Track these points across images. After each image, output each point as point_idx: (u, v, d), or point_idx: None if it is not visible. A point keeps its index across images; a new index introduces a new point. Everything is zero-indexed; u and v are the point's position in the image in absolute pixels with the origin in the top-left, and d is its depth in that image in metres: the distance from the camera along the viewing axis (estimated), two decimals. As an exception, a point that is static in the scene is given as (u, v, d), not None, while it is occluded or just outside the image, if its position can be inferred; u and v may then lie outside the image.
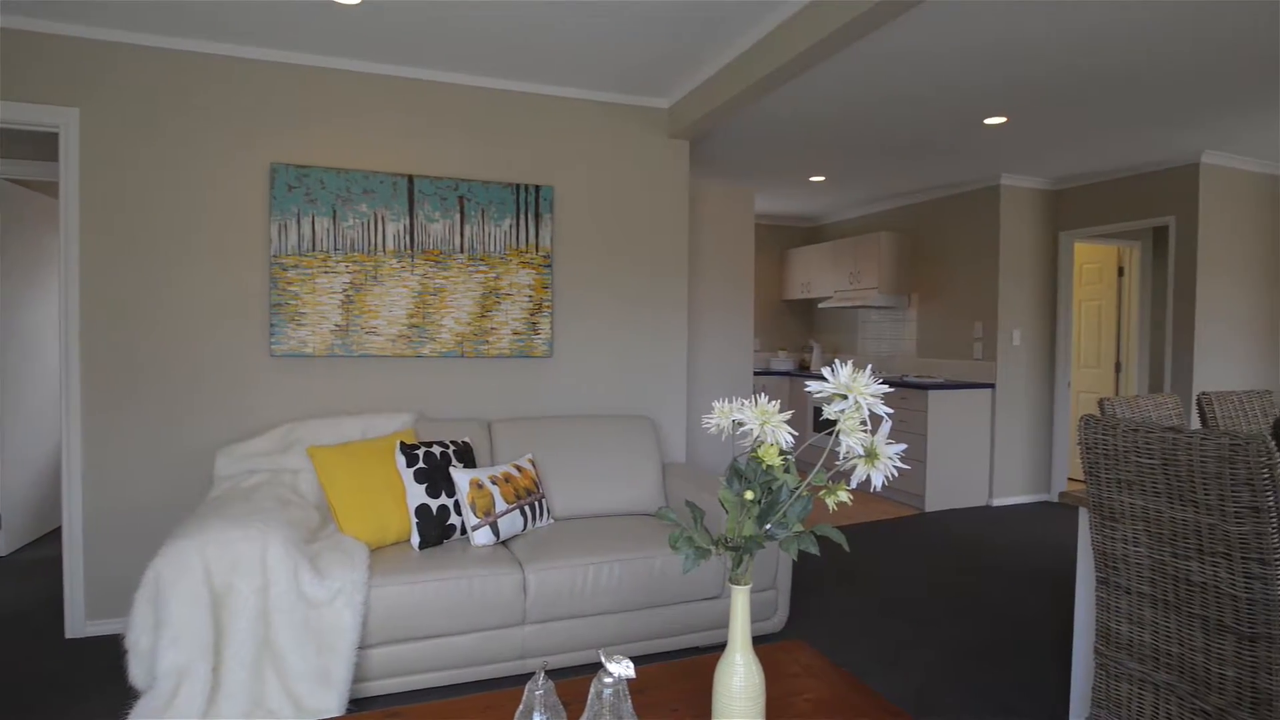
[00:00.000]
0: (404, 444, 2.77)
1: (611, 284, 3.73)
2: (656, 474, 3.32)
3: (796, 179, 5.56)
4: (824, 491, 1.15)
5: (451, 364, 3.42)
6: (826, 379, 1.13)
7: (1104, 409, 2.50)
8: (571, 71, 3.35)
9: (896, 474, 1.12)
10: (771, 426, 1.16)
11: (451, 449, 2.88)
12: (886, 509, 5.34)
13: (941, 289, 5.91)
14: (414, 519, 2.65)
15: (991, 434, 5.46)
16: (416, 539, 2.64)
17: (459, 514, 2.74)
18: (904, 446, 1.15)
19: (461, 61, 3.23)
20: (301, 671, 2.15)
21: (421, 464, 2.74)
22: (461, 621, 2.44)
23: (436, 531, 2.67)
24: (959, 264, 5.73)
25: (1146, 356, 5.66)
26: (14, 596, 3.34)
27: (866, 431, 1.12)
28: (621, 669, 1.12)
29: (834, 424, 1.12)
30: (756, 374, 6.83)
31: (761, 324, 7.33)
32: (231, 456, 2.86)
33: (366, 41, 3.01)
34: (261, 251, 3.13)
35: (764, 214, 7.12)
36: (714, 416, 1.22)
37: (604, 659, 1.13)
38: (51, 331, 4.34)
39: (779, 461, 1.14)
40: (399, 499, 2.70)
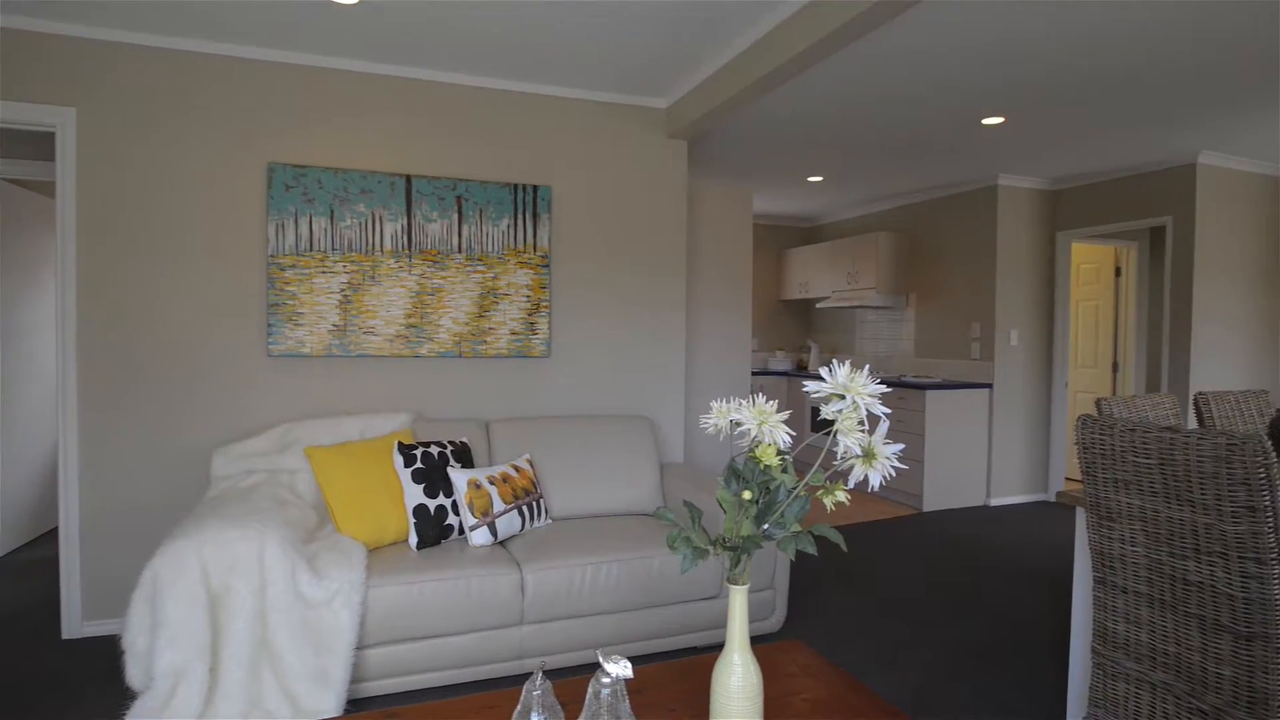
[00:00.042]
0: (402, 444, 2.77)
1: (610, 284, 3.72)
2: (654, 474, 3.32)
3: (794, 179, 5.57)
4: (822, 491, 1.15)
5: (449, 364, 3.42)
6: (824, 379, 1.14)
7: (1101, 409, 2.51)
8: (571, 71, 3.35)
9: (894, 474, 1.13)
10: (769, 426, 1.16)
11: (449, 449, 2.88)
12: (884, 509, 5.34)
13: (939, 289, 5.92)
14: (412, 519, 2.65)
15: (989, 434, 5.46)
16: (414, 539, 2.64)
17: (457, 514, 2.74)
18: (902, 446, 1.16)
19: (460, 61, 3.23)
20: (299, 672, 2.15)
21: (419, 464, 2.74)
22: (459, 622, 2.44)
23: (434, 532, 2.67)
24: (957, 264, 5.74)
25: (1144, 356, 5.67)
26: (11, 597, 3.33)
27: (864, 431, 1.12)
28: (619, 669, 1.12)
29: (832, 424, 1.12)
30: (754, 374, 6.83)
31: (759, 324, 7.33)
32: (229, 456, 2.86)
33: (365, 41, 3.01)
34: (259, 251, 3.12)
35: (762, 214, 7.13)
36: (712, 416, 1.22)
37: (602, 659, 1.13)
38: (49, 331, 4.33)
39: (776, 461, 1.14)
40: (397, 499, 2.70)
